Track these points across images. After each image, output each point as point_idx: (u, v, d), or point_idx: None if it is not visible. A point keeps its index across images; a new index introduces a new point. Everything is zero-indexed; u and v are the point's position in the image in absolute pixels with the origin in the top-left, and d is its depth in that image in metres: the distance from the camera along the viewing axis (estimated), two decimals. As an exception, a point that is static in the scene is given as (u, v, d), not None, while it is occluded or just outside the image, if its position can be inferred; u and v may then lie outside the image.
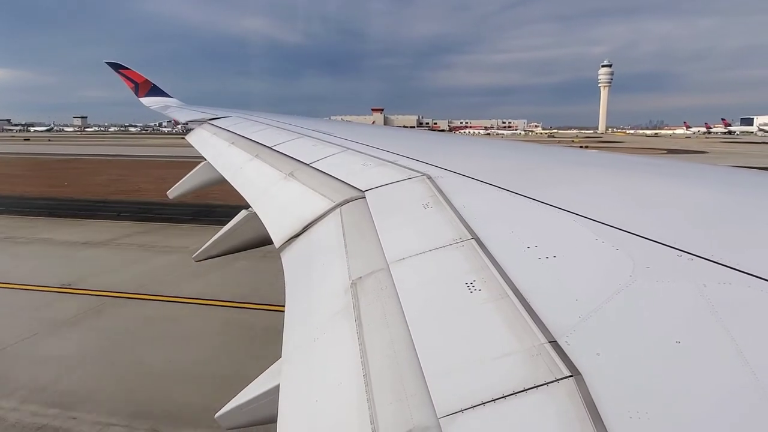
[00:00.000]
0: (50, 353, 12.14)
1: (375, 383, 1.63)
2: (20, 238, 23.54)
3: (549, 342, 1.48)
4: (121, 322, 14.02)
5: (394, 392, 1.54)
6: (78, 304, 15.19)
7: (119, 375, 11.09)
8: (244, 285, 16.60)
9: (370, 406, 1.53)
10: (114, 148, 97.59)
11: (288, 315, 2.49)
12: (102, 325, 13.82)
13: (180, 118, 14.13)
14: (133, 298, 15.77)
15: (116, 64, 20.57)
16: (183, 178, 9.79)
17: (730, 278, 1.62)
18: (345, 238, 2.87)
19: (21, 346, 12.53)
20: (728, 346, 1.32)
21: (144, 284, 16.95)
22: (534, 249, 2.05)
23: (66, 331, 13.39)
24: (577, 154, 4.77)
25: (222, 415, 2.46)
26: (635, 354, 1.38)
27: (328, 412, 1.67)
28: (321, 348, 2.06)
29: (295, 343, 2.24)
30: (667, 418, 1.15)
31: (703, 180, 3.25)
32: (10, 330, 13.34)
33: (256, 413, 2.36)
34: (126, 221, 27.34)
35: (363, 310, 2.06)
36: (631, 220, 2.19)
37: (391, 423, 1.44)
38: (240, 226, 5.60)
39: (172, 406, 9.92)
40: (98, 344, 12.57)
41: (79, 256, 20.73)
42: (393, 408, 1.48)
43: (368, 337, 1.87)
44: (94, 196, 36.17)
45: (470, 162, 4.07)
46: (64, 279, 17.34)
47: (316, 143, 5.85)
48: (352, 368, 1.75)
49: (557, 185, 3.08)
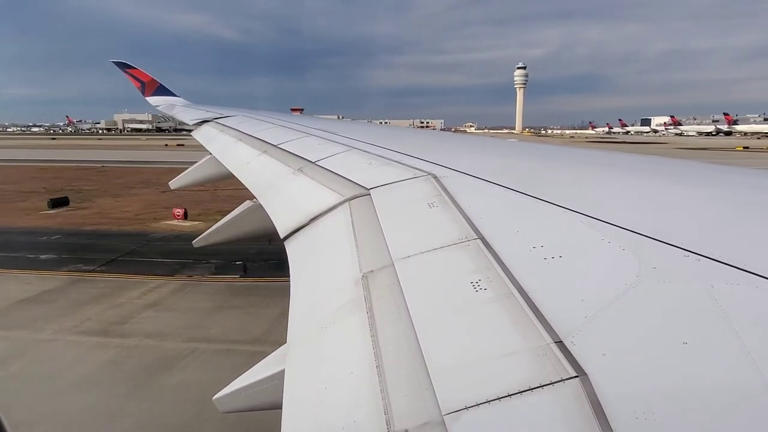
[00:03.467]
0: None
1: (389, 375, 1.62)
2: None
3: (555, 342, 1.47)
4: None
5: (409, 385, 1.54)
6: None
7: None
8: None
9: (384, 397, 1.53)
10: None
11: (294, 303, 2.49)
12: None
13: (186, 118, 14.17)
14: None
15: (123, 64, 20.67)
16: (186, 170, 9.83)
17: (738, 279, 1.60)
18: (354, 231, 2.88)
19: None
20: (735, 347, 1.31)
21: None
22: (540, 249, 2.05)
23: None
24: (583, 155, 4.75)
25: (220, 398, 2.43)
26: (641, 355, 1.37)
27: (338, 400, 1.68)
28: (330, 337, 2.06)
29: (301, 331, 2.25)
30: (673, 418, 1.15)
31: (710, 180, 3.23)
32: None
33: (256, 398, 2.34)
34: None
35: (375, 303, 2.06)
36: (637, 220, 2.18)
37: (406, 414, 1.43)
38: (243, 216, 5.63)
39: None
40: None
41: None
42: (408, 400, 1.48)
43: (381, 330, 1.87)
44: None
45: (476, 162, 4.06)
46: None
47: (321, 142, 5.86)
48: (365, 359, 1.75)
49: (563, 185, 3.07)
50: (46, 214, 30.06)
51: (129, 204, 33.24)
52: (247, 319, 14.59)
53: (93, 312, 14.98)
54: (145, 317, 14.69)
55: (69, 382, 11.01)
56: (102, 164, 59.32)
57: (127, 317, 14.63)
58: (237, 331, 13.65)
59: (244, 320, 14.50)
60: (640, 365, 1.33)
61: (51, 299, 16.15)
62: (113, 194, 37.67)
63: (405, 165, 3.90)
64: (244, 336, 13.36)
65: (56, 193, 35.05)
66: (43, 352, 12.51)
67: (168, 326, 14.07)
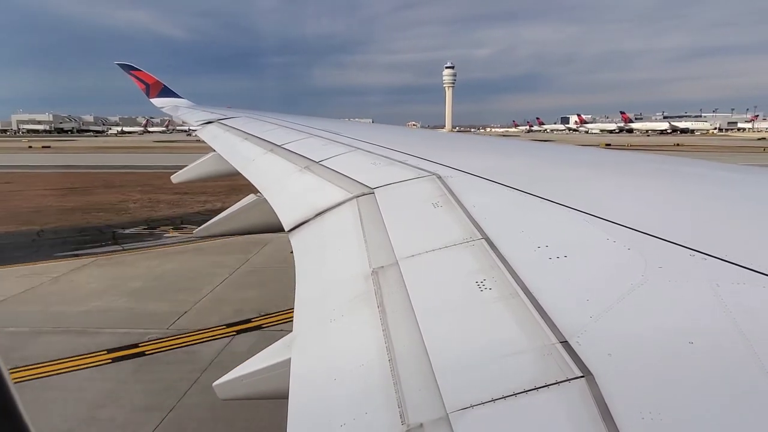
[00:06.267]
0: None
1: (401, 368, 1.62)
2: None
3: (560, 342, 1.47)
4: None
5: (423, 379, 1.53)
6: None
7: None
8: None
9: (397, 390, 1.52)
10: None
11: (299, 294, 2.50)
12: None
13: (190, 119, 14.21)
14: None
15: (128, 66, 20.75)
16: (189, 166, 9.86)
17: (744, 278, 1.60)
18: (363, 227, 2.90)
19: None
20: (742, 347, 1.30)
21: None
22: (545, 249, 2.04)
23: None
24: (588, 153, 4.74)
25: (219, 384, 2.42)
26: (647, 355, 1.37)
27: (349, 391, 1.67)
28: (340, 328, 2.06)
29: (309, 321, 2.26)
30: (679, 419, 1.14)
31: (716, 179, 3.21)
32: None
33: (258, 386, 2.33)
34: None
35: (386, 299, 2.06)
36: (643, 219, 2.18)
37: (421, 407, 1.43)
38: (246, 209, 5.70)
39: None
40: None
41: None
42: (422, 394, 1.47)
43: (393, 325, 1.87)
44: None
45: (480, 161, 4.06)
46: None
47: (325, 143, 5.88)
48: (376, 351, 1.75)
49: (567, 184, 3.06)
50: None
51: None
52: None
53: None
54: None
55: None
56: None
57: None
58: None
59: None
60: (646, 365, 1.33)
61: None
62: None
63: (409, 165, 3.90)
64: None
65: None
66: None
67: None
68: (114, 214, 25.95)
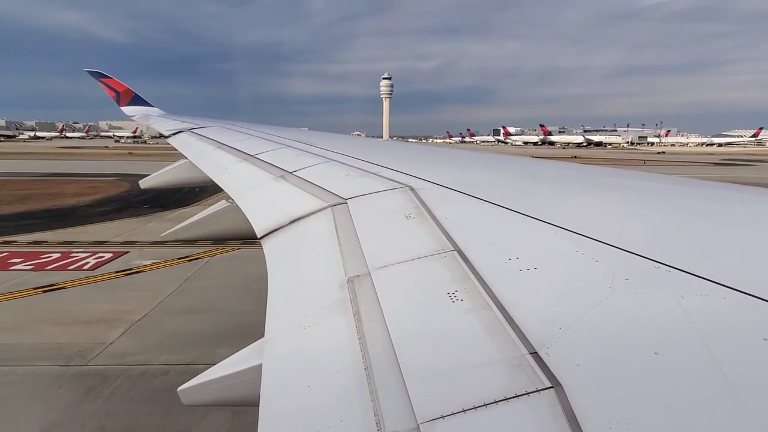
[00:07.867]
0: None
1: (377, 377, 1.59)
2: None
3: (530, 353, 1.48)
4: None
5: (399, 388, 1.51)
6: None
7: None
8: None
9: (374, 398, 1.50)
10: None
11: (272, 298, 2.46)
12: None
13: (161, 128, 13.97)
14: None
15: (97, 73, 20.31)
16: (159, 171, 9.64)
17: (707, 289, 1.64)
18: (338, 236, 2.88)
19: None
20: (705, 357, 1.33)
21: None
22: (515, 261, 2.06)
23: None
24: (558, 167, 4.84)
25: (185, 390, 2.33)
26: (614, 365, 1.39)
27: (323, 398, 1.64)
28: (315, 335, 2.03)
29: (281, 327, 2.21)
30: (646, 428, 1.16)
31: (681, 193, 3.31)
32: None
33: (226, 392, 2.26)
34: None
35: (362, 308, 2.04)
36: (610, 232, 2.22)
37: (397, 417, 1.41)
38: (217, 215, 5.61)
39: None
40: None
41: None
42: (398, 403, 1.45)
43: (369, 333, 1.85)
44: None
45: (452, 174, 4.09)
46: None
47: (298, 153, 5.85)
48: (352, 359, 1.73)
49: (538, 197, 3.11)
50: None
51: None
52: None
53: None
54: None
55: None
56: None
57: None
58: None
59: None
60: (613, 376, 1.35)
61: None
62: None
63: (382, 177, 3.91)
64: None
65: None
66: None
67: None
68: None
